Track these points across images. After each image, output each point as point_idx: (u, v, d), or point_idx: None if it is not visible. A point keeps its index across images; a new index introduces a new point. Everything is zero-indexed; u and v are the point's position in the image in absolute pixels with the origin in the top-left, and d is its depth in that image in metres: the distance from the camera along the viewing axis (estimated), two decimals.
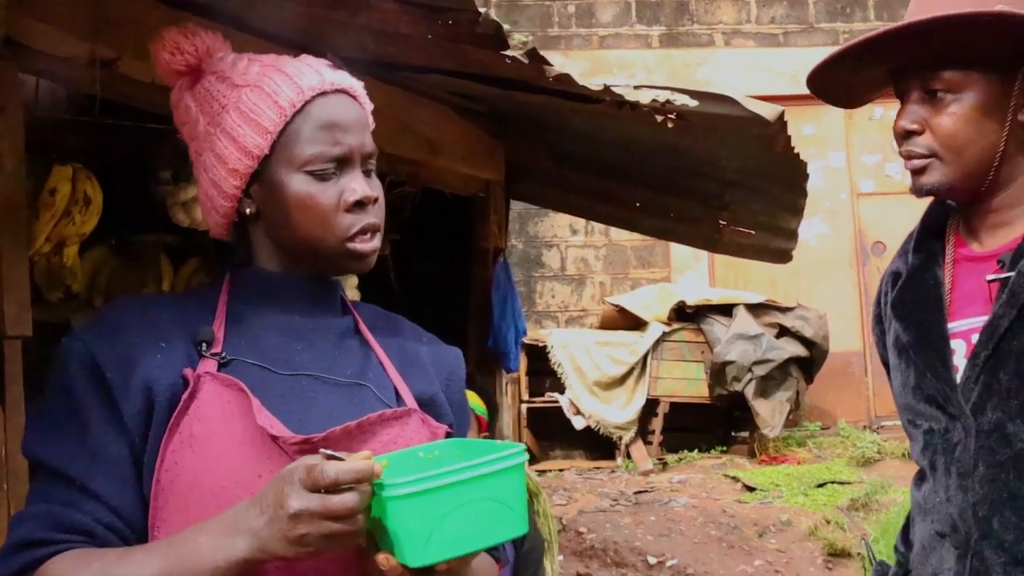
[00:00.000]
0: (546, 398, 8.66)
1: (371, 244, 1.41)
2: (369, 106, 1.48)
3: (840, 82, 1.79)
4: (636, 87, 3.28)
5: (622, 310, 8.69)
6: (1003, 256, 1.62)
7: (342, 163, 1.39)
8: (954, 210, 1.75)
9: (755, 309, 8.40)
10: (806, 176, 3.85)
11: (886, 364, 1.86)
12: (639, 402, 8.35)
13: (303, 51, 3.03)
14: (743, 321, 8.24)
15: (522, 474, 1.22)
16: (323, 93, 1.39)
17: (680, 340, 8.44)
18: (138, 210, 3.63)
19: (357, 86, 1.46)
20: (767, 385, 8.07)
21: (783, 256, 4.40)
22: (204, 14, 2.80)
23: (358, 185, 1.38)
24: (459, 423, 1.56)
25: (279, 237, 1.42)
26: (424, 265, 4.51)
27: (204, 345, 1.35)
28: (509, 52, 2.35)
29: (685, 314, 8.50)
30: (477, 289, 4.27)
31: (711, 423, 8.80)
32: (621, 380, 8.43)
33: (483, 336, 4.23)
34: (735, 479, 7.51)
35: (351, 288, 4.07)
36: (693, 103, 3.07)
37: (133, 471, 1.29)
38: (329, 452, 1.16)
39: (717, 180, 4.09)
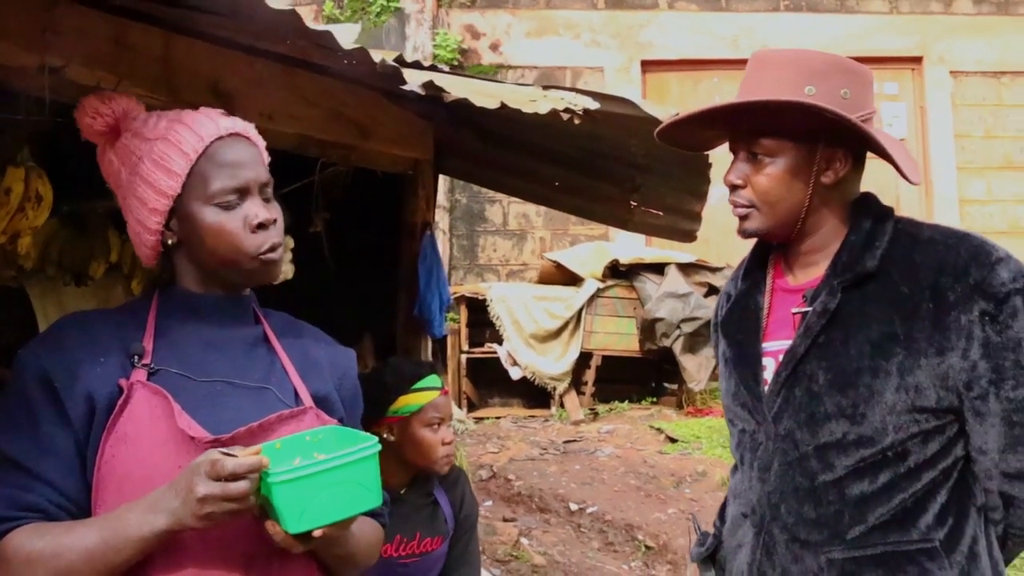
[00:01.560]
0: (485, 348, 8.98)
1: (276, 255, 1.73)
2: (261, 144, 1.80)
3: (686, 136, 2.10)
4: (545, 87, 3.57)
5: (559, 266, 9.00)
6: (807, 292, 1.96)
7: (243, 193, 1.70)
8: (776, 246, 2.09)
9: (686, 268, 8.75)
10: (708, 165, 4.17)
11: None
12: (573, 355, 8.71)
13: (241, 51, 3.27)
14: (673, 280, 8.59)
15: (375, 461, 1.58)
16: (220, 138, 1.71)
17: (614, 296, 8.77)
18: (87, 180, 3.88)
19: (249, 128, 1.78)
20: (695, 341, 8.44)
21: (688, 236, 4.72)
22: (145, 21, 3.04)
23: (259, 210, 1.71)
24: (351, 414, 1.90)
25: (198, 259, 1.74)
26: (356, 239, 4.78)
27: (136, 357, 1.67)
28: (407, 87, 2.63)
29: (619, 271, 8.82)
30: (405, 261, 4.54)
31: (642, 376, 9.18)
32: (556, 333, 8.77)
33: (410, 304, 4.52)
34: (659, 431, 7.91)
35: (286, 263, 4.35)
36: (594, 105, 3.36)
37: (78, 462, 1.61)
38: (226, 450, 1.51)
39: (629, 164, 4.38)
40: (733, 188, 1.98)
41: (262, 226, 1.70)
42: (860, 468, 1.85)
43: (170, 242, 1.73)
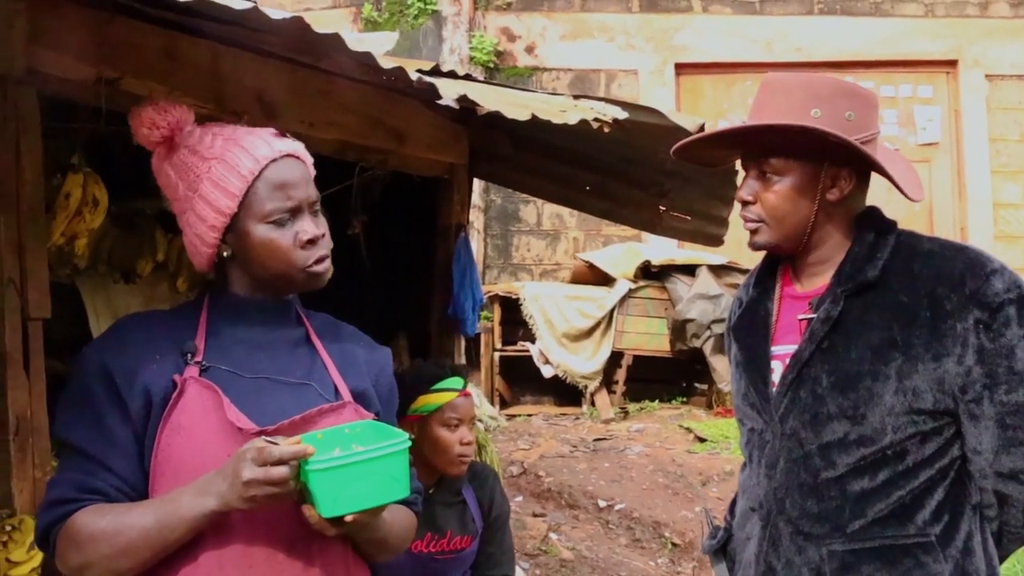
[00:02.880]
0: (518, 347, 9.11)
1: (323, 267, 1.87)
2: (309, 160, 1.93)
3: (700, 154, 2.23)
4: (576, 96, 3.70)
5: (592, 266, 9.10)
6: (813, 300, 2.08)
7: (294, 212, 1.84)
8: (785, 256, 2.21)
9: (717, 270, 8.82)
10: (735, 172, 4.29)
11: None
12: (604, 354, 8.81)
13: (284, 61, 3.42)
14: (704, 281, 8.67)
15: (405, 456, 1.72)
16: (274, 160, 1.83)
17: (645, 297, 8.86)
18: (135, 181, 4.06)
19: (299, 148, 1.90)
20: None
21: (715, 240, 4.85)
22: (194, 35, 3.21)
23: (308, 227, 1.84)
24: (387, 409, 2.03)
25: (251, 271, 1.87)
26: (393, 240, 4.94)
27: (189, 355, 1.82)
28: (442, 101, 2.78)
29: (651, 272, 8.91)
30: (440, 262, 4.71)
31: (672, 376, 9.24)
32: (588, 333, 8.88)
33: (444, 304, 4.69)
34: (688, 430, 8.00)
35: None
36: (623, 115, 3.49)
37: (136, 450, 1.76)
38: (269, 439, 1.66)
39: (657, 170, 4.51)
40: (744, 204, 2.11)
41: (311, 242, 1.83)
42: (860, 466, 1.97)
43: (225, 254, 1.87)
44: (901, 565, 1.94)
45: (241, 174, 1.80)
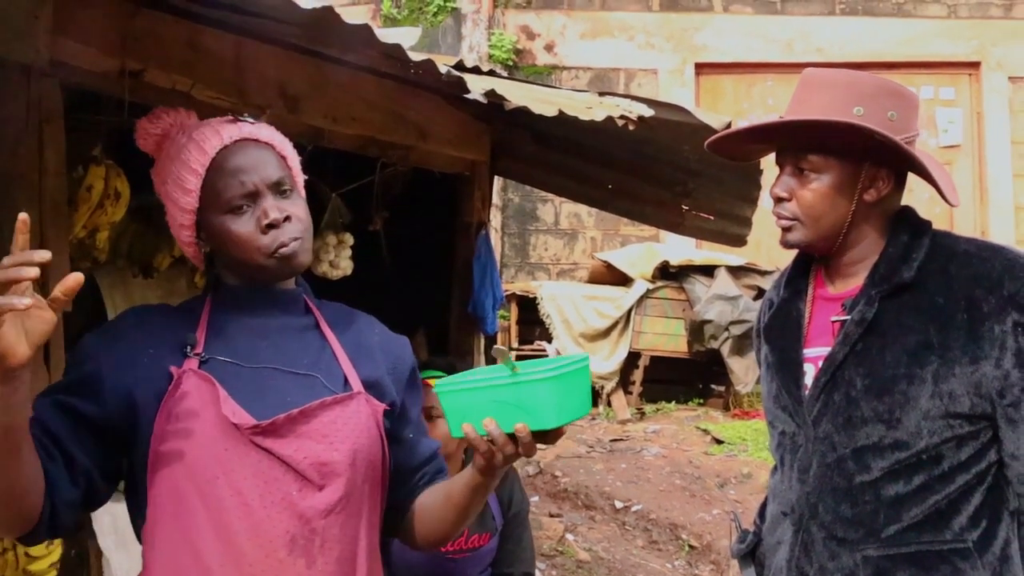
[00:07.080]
0: (535, 346, 9.07)
1: (290, 250, 1.78)
2: (276, 139, 1.85)
3: (734, 148, 2.19)
4: (601, 93, 3.67)
5: (610, 266, 9.08)
6: (846, 301, 2.04)
7: (253, 196, 1.77)
8: (818, 256, 2.17)
9: (735, 271, 8.78)
10: (760, 171, 4.25)
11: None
12: (621, 354, 8.78)
13: (307, 55, 3.38)
14: (723, 282, 8.63)
15: (588, 373, 1.69)
16: (224, 148, 1.77)
17: (663, 297, 8.83)
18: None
19: (257, 130, 1.83)
20: (743, 344, 8.46)
21: (739, 240, 4.80)
22: (218, 27, 3.18)
23: (270, 210, 1.76)
24: (411, 395, 1.97)
25: (229, 263, 1.84)
26: (414, 236, 4.92)
27: (189, 348, 1.78)
28: (470, 96, 2.74)
29: (669, 273, 8.87)
30: (460, 259, 4.68)
31: (689, 377, 9.22)
32: (605, 333, 8.85)
33: (464, 302, 4.66)
34: (706, 432, 7.96)
35: (344, 259, 4.50)
36: (649, 112, 3.45)
37: (76, 421, 1.68)
38: None
39: (681, 168, 4.47)
40: (778, 200, 2.06)
41: (271, 225, 1.77)
42: (895, 470, 1.93)
43: (204, 251, 1.84)
44: (937, 572, 1.90)
45: (193, 168, 1.76)
